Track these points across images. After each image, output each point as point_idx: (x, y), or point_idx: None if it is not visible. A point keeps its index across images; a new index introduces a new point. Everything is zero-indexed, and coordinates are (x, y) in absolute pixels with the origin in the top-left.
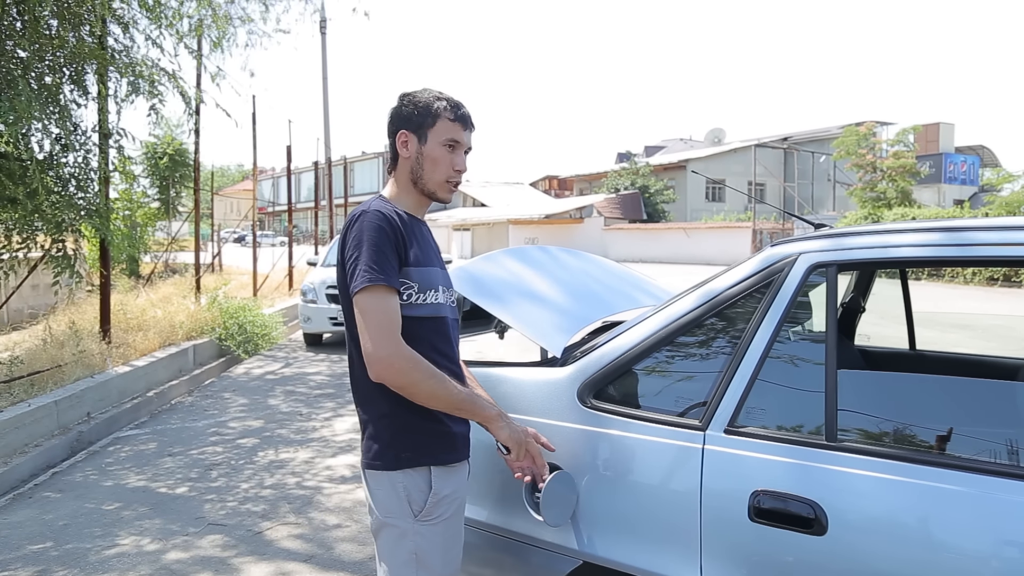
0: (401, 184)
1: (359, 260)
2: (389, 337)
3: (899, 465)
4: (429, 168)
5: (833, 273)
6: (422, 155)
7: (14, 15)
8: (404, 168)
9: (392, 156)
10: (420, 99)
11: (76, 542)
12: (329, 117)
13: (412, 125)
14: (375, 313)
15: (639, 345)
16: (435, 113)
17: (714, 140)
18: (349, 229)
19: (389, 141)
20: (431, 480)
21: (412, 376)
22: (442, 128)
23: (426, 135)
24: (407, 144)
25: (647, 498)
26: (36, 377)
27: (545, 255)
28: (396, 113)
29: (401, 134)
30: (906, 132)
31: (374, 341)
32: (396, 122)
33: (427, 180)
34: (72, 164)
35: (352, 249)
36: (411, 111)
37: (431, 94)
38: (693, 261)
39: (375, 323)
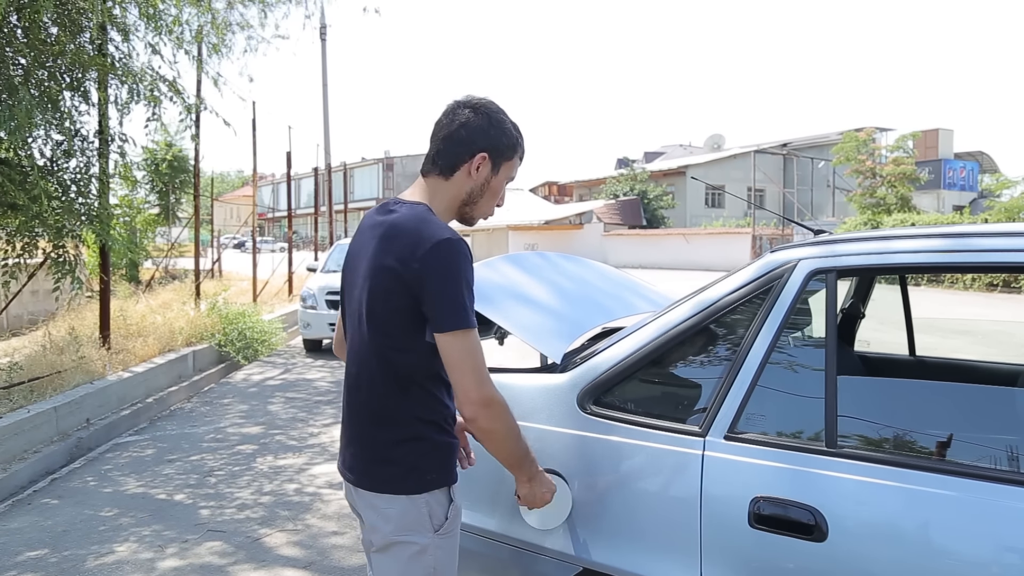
0: (448, 201)
1: (456, 295)
2: (489, 381)
3: (899, 471)
4: (488, 199)
5: (833, 279)
6: (488, 185)
7: (14, 22)
8: (462, 187)
9: (451, 165)
10: (509, 127)
11: (75, 548)
12: (329, 123)
13: (494, 152)
14: (476, 355)
15: (639, 351)
16: (516, 148)
17: (714, 146)
18: (435, 255)
19: (454, 148)
20: (451, 494)
21: (504, 422)
22: (513, 165)
23: (500, 166)
24: (480, 168)
25: (647, 504)
26: (36, 383)
27: (544, 261)
28: (482, 130)
29: (481, 156)
30: (905, 138)
31: (478, 383)
32: (479, 140)
33: (479, 208)
34: (73, 170)
35: (445, 280)
36: (499, 136)
37: (514, 124)
38: (693, 267)
39: (476, 365)
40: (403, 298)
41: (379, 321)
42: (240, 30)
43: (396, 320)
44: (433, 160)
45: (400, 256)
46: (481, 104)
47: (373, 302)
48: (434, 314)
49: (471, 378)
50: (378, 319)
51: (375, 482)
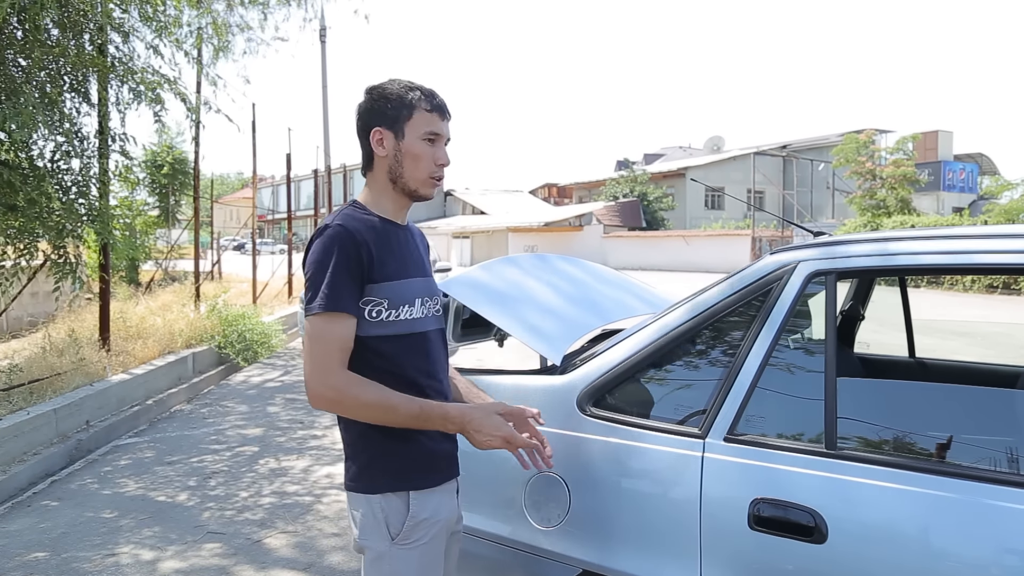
0: (379, 186)
1: (315, 283)
2: (323, 367)
3: (899, 473)
4: (410, 165)
5: (832, 281)
6: (400, 152)
7: (15, 24)
8: (381, 168)
9: (366, 156)
10: (391, 91)
11: (74, 551)
12: (329, 125)
13: (386, 120)
14: (316, 342)
15: (639, 353)
16: (410, 105)
17: (713, 148)
18: (311, 245)
19: (361, 140)
20: (409, 503)
21: (354, 407)
22: (420, 121)
23: (403, 130)
24: (383, 142)
25: (646, 506)
26: (35, 385)
27: (544, 263)
28: (367, 109)
29: (375, 132)
30: (905, 140)
31: (309, 370)
32: (367, 119)
33: (408, 178)
34: (73, 171)
35: (309, 268)
36: (383, 105)
37: (401, 85)
38: (692, 269)
39: (313, 352)
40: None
41: None
42: (240, 32)
43: None
44: (361, 160)
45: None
46: (368, 88)
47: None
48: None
49: (308, 368)
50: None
51: (345, 477)
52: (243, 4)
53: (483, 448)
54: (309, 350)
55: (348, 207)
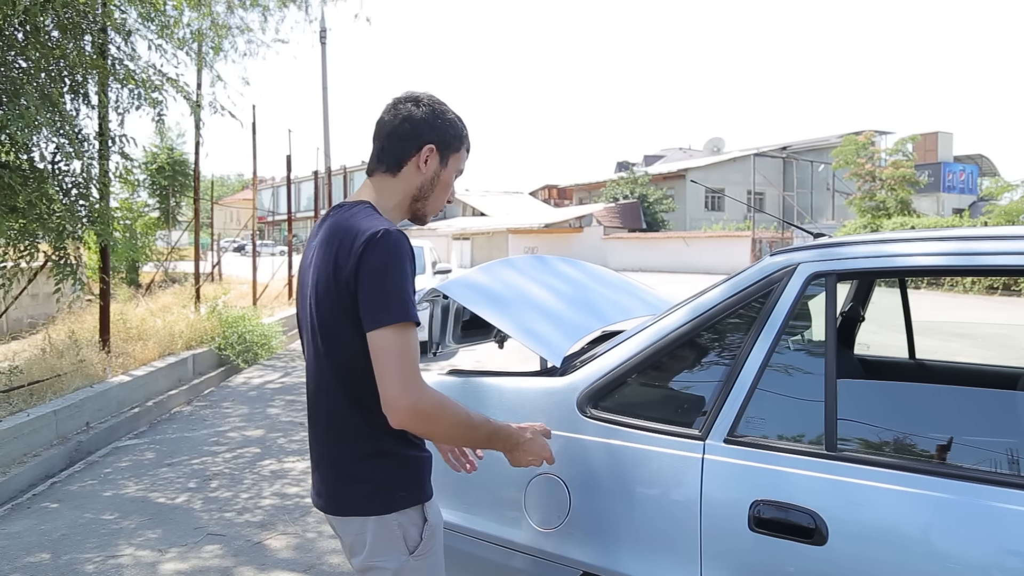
0: (398, 197)
1: (391, 289)
2: (416, 381)
3: (899, 475)
4: (439, 193)
5: (832, 282)
6: (438, 178)
7: (16, 25)
8: (411, 182)
9: (397, 161)
10: (455, 118)
11: (74, 552)
12: (329, 127)
13: (441, 144)
14: (403, 354)
15: (639, 355)
16: (461, 139)
17: (713, 149)
18: (368, 249)
19: (399, 144)
20: (424, 512)
21: (441, 424)
22: (461, 156)
23: (448, 159)
24: (429, 161)
25: (647, 508)
26: (35, 387)
27: (544, 265)
28: (428, 123)
29: (428, 148)
30: (904, 141)
31: (399, 384)
32: (426, 132)
33: (430, 203)
34: (74, 172)
35: (377, 273)
36: (446, 128)
37: (456, 116)
38: (692, 270)
39: (402, 364)
40: (346, 302)
41: (328, 331)
42: (240, 33)
43: (343, 327)
44: (378, 158)
45: (337, 257)
46: (423, 97)
47: (321, 312)
48: (365, 309)
49: (395, 380)
50: (327, 329)
51: (342, 505)
52: (243, 6)
53: (521, 466)
54: (396, 362)
55: (375, 212)
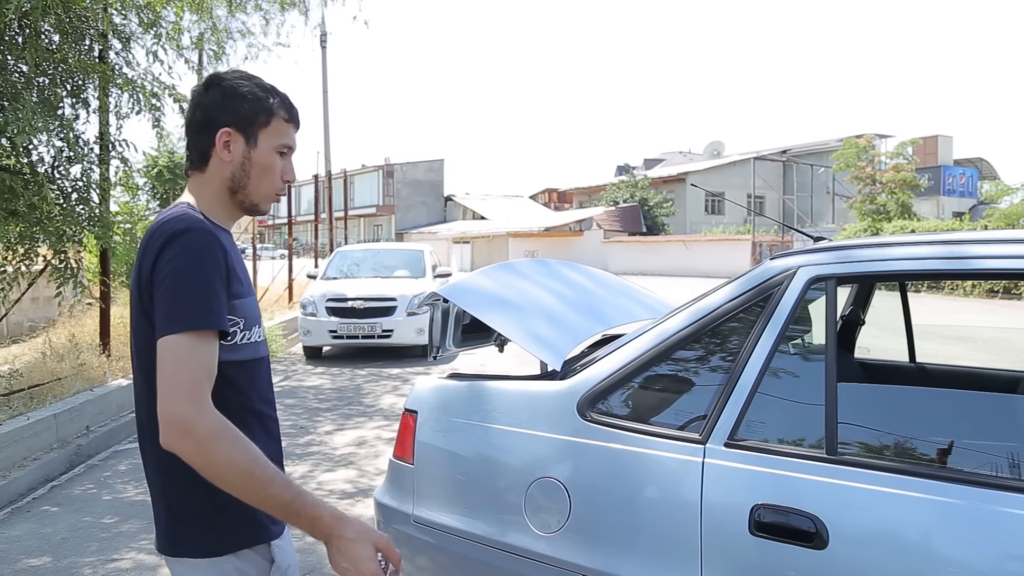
0: (213, 192)
1: (182, 291)
2: (197, 395)
3: (900, 479)
4: (257, 178)
5: (832, 286)
6: (250, 162)
7: (16, 29)
8: (221, 173)
9: (200, 155)
10: (247, 90)
11: (74, 556)
12: (329, 130)
13: (239, 122)
14: (189, 364)
15: (639, 358)
16: (269, 110)
17: (713, 153)
18: (166, 247)
19: (195, 136)
20: (271, 553)
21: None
22: (276, 129)
23: (256, 137)
24: (230, 146)
25: (647, 511)
26: (36, 390)
27: (544, 268)
28: (219, 106)
29: (224, 132)
30: (905, 145)
31: (176, 397)
32: (215, 114)
33: (252, 192)
34: (74, 176)
35: (170, 275)
36: (238, 104)
37: (258, 84)
38: (693, 274)
39: (185, 376)
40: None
41: (140, 347)
42: (241, 37)
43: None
44: (187, 156)
45: (140, 262)
46: (215, 79)
47: (134, 326)
48: (159, 314)
49: (165, 390)
50: (139, 344)
51: (173, 544)
52: (244, 9)
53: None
54: (171, 370)
55: (189, 209)
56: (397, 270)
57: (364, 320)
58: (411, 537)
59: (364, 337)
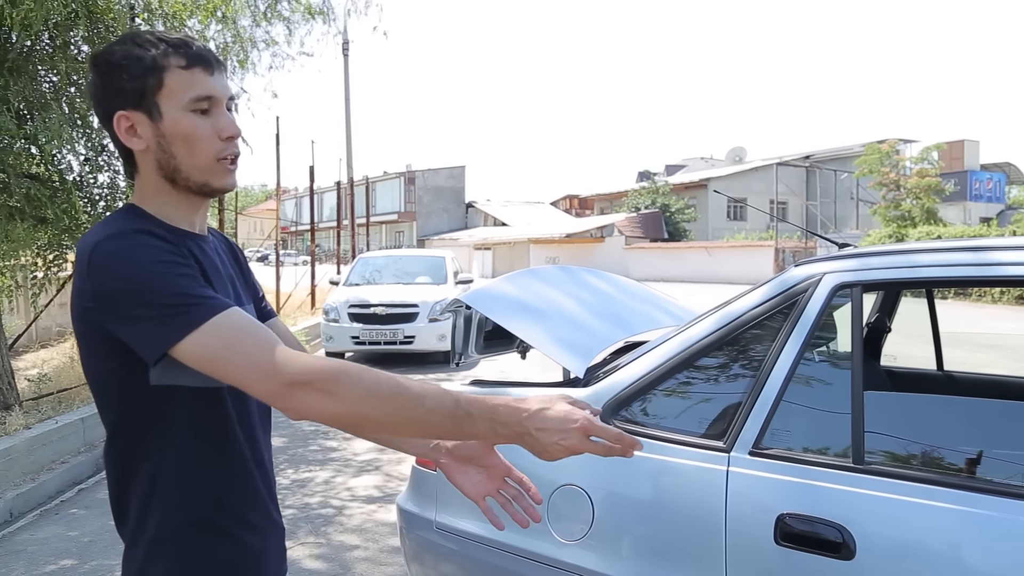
0: (151, 187)
1: (152, 304)
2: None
3: (929, 489)
4: (183, 152)
5: (858, 293)
6: (164, 137)
7: (46, 40)
8: (147, 165)
9: (124, 154)
10: (120, 55)
11: (101, 559)
12: (352, 137)
13: (129, 98)
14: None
15: (662, 366)
16: (154, 67)
17: (735, 159)
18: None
19: (106, 128)
20: None
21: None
22: (176, 85)
23: (156, 106)
24: (135, 129)
25: (670, 520)
26: (63, 394)
27: (566, 274)
28: (104, 89)
29: (120, 118)
30: (930, 150)
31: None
32: (104, 101)
33: (188, 169)
34: (101, 184)
35: (125, 300)
36: (119, 78)
37: (134, 41)
38: (715, 280)
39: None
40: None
41: (89, 380)
42: (266, 47)
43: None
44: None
45: (76, 288)
46: (91, 60)
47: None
48: (142, 337)
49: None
50: (104, 384)
51: None
52: (268, 19)
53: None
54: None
55: (125, 213)
56: (419, 276)
57: (386, 326)
58: (434, 544)
59: (386, 343)
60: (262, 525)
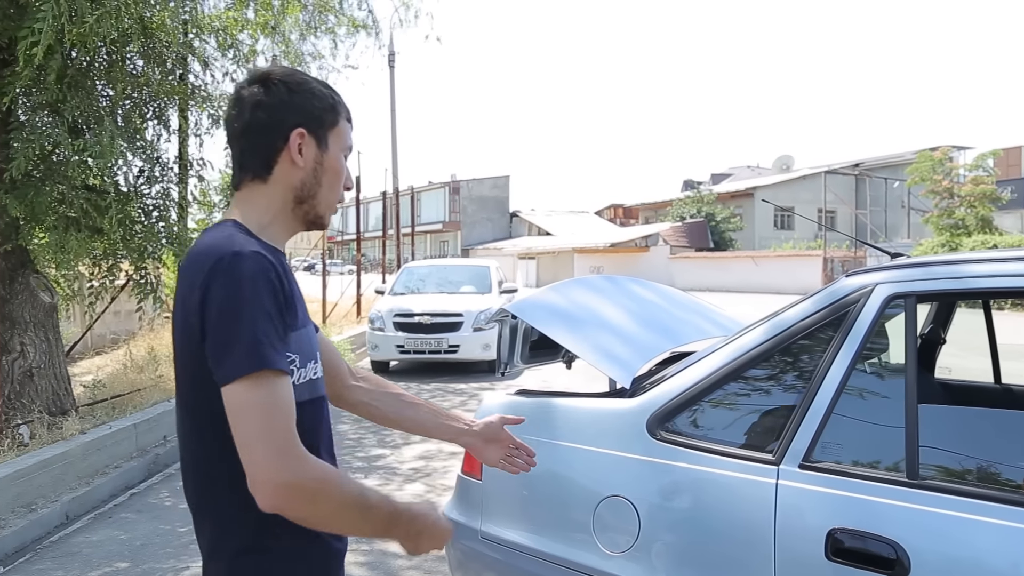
0: (275, 203)
1: (240, 330)
2: (291, 449)
3: (986, 505)
4: (330, 184)
5: (912, 304)
6: (322, 167)
7: (103, 56)
8: (289, 181)
9: (263, 162)
10: (315, 88)
11: (152, 562)
12: (397, 148)
13: (313, 123)
14: (274, 410)
15: (710, 376)
16: (335, 108)
17: (782, 167)
18: (212, 281)
19: (259, 140)
20: None
21: (325, 500)
22: (343, 131)
23: (327, 139)
24: (304, 149)
25: (718, 533)
26: (117, 400)
27: (612, 284)
28: (287, 104)
29: (298, 133)
30: (985, 156)
31: (276, 452)
32: (289, 115)
33: (322, 200)
34: (154, 195)
35: (223, 312)
36: (310, 102)
37: (319, 83)
38: (761, 290)
39: (277, 425)
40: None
41: (181, 381)
42: (312, 60)
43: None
44: (241, 164)
45: (183, 292)
46: (269, 74)
47: (176, 358)
48: (213, 359)
49: (260, 448)
50: (180, 379)
51: None
52: (315, 33)
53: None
54: (259, 424)
55: (235, 229)
56: (463, 286)
57: (431, 335)
58: (479, 553)
59: (431, 352)
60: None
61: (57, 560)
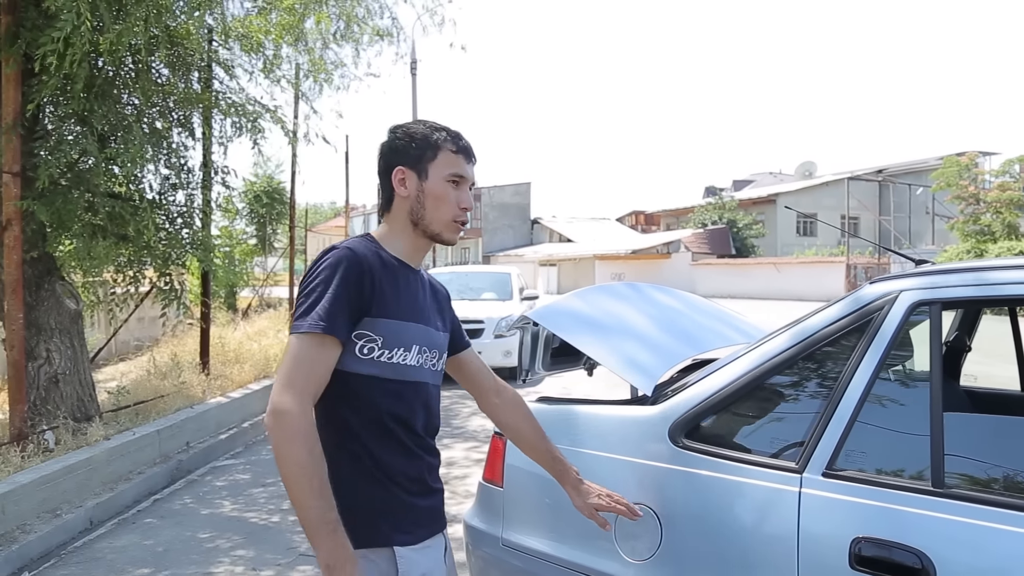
0: (397, 226)
1: (312, 300)
2: (295, 389)
3: (1013, 515)
4: (432, 207)
5: (937, 311)
6: (423, 193)
7: (130, 65)
8: (402, 209)
9: (386, 197)
10: (416, 131)
11: (175, 568)
12: None
13: (410, 160)
14: (295, 358)
15: (732, 384)
16: (435, 145)
17: (804, 173)
18: (318, 263)
19: (381, 181)
20: (396, 562)
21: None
22: (444, 161)
23: (427, 170)
24: (405, 182)
25: (740, 542)
26: (140, 407)
27: (633, 291)
28: (389, 147)
29: (398, 171)
30: (1012, 162)
31: (278, 385)
32: (390, 157)
33: (431, 220)
34: (179, 202)
35: (311, 283)
36: (407, 145)
37: (427, 125)
38: (784, 297)
39: (293, 368)
40: None
41: None
42: (334, 68)
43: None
44: (379, 203)
45: None
46: (391, 129)
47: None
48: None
49: (279, 379)
50: None
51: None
52: (337, 41)
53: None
54: (284, 365)
55: (361, 237)
56: (484, 292)
57: None
58: (500, 560)
59: None
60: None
61: (81, 565)
